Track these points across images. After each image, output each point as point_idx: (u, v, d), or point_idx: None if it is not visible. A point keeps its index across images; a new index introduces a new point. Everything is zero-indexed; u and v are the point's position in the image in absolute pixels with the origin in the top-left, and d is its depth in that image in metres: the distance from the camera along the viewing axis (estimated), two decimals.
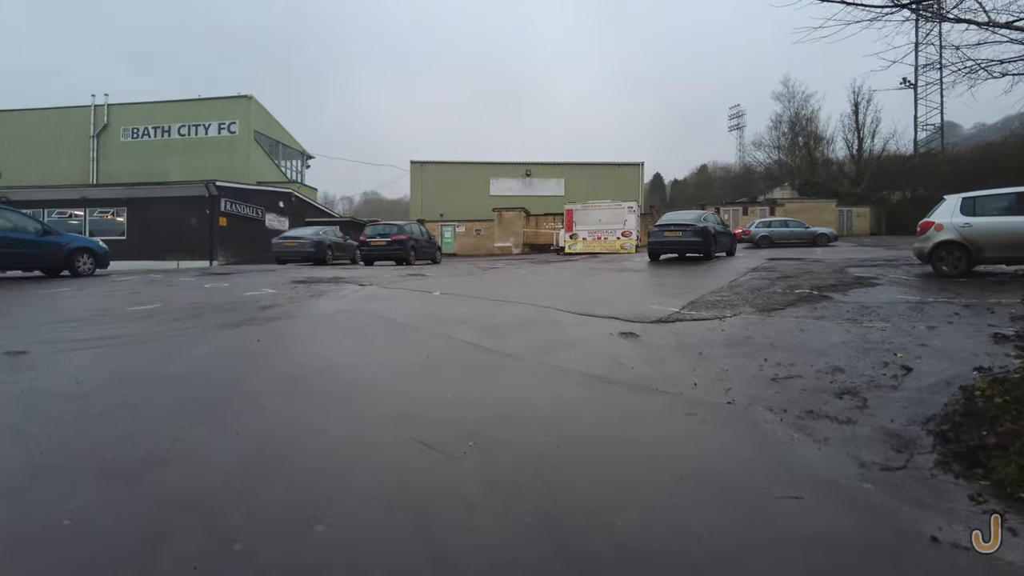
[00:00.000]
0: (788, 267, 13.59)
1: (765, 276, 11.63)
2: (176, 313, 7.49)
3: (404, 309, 7.94)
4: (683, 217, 17.16)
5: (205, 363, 4.85)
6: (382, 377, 4.55)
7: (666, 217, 17.72)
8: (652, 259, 17.06)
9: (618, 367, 4.84)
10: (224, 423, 3.34)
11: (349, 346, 5.64)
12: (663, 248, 16.62)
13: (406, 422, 3.45)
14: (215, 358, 5.02)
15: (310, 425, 3.43)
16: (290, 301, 8.76)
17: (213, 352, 5.24)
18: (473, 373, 4.75)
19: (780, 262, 15.42)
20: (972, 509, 2.25)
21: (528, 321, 7.08)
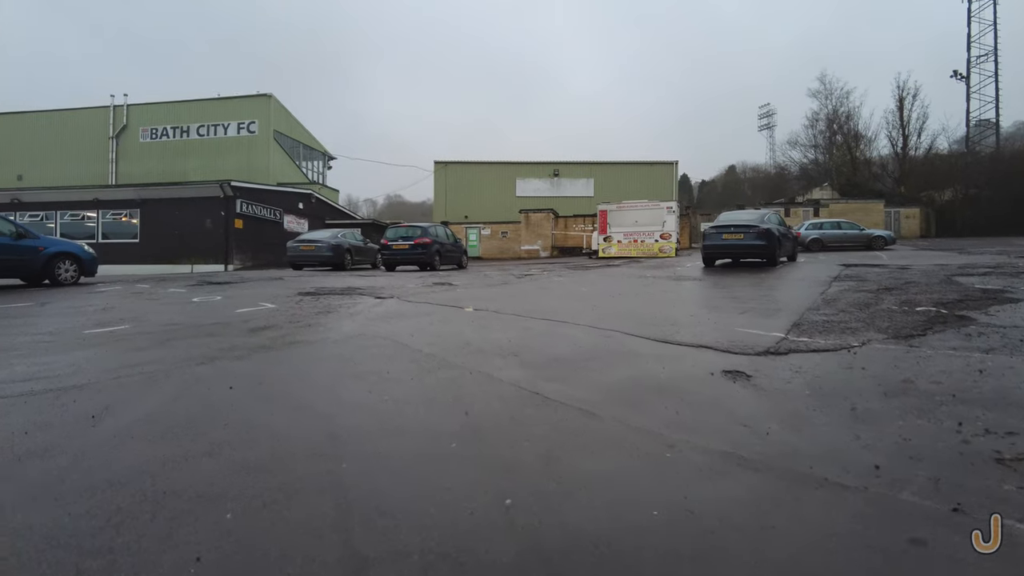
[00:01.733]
0: (877, 276, 11.67)
1: (859, 287, 9.75)
2: (140, 339, 5.88)
3: (431, 333, 6.25)
4: (743, 217, 15.24)
5: (140, 429, 3.19)
6: (401, 464, 2.83)
7: (723, 217, 15.83)
8: (707, 265, 15.23)
9: (746, 434, 3.25)
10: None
11: (356, 396, 3.93)
12: (720, 252, 14.75)
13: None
14: (159, 420, 3.35)
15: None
16: (290, 321, 7.13)
17: (159, 408, 3.58)
18: (537, 451, 3.02)
19: (860, 269, 13.50)
20: None
21: (593, 352, 5.35)
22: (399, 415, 3.54)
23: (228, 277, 16.97)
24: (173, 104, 37.37)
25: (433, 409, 3.67)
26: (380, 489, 2.49)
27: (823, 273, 12.73)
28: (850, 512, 2.33)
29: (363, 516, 2.24)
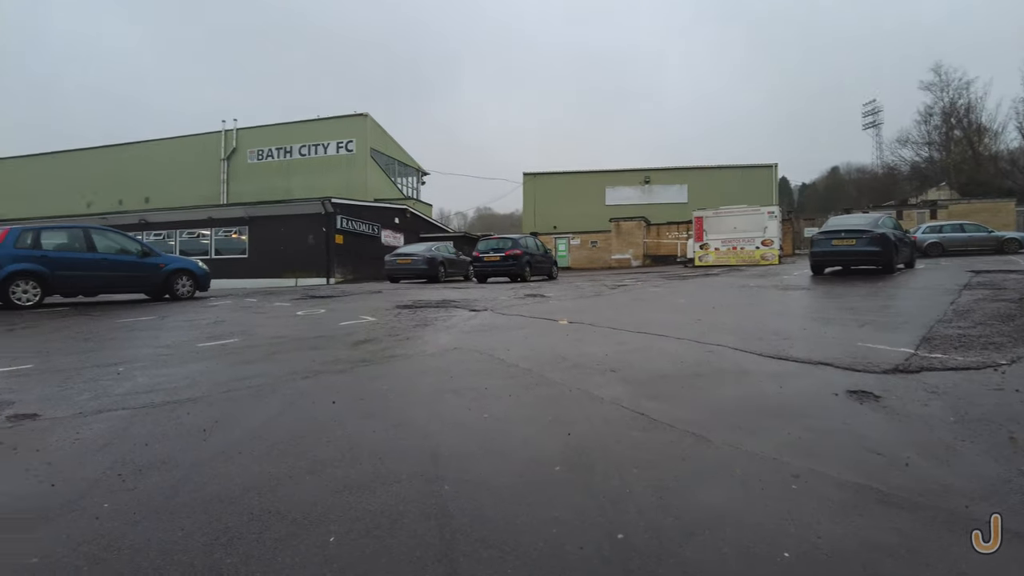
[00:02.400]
0: (1018, 283, 10.51)
1: (997, 296, 8.79)
2: (249, 352, 6.14)
3: (526, 347, 6.14)
4: (855, 221, 14.20)
5: (248, 445, 3.26)
6: (504, 489, 2.71)
7: (833, 222, 14.83)
8: (816, 273, 14.30)
9: (882, 464, 2.88)
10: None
11: (454, 413, 3.87)
12: (830, 259, 13.81)
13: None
14: (265, 436, 3.41)
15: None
16: (389, 334, 7.24)
17: (265, 423, 3.66)
18: (647, 479, 2.82)
19: (994, 276, 12.23)
20: None
21: (698, 368, 5.05)
22: (499, 435, 3.43)
23: (330, 291, 17.71)
24: (277, 127, 39.76)
25: (533, 429, 3.55)
26: (484, 516, 2.37)
27: (950, 281, 11.62)
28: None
29: (467, 547, 2.13)
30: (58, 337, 7.27)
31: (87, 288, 10.90)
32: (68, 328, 7.94)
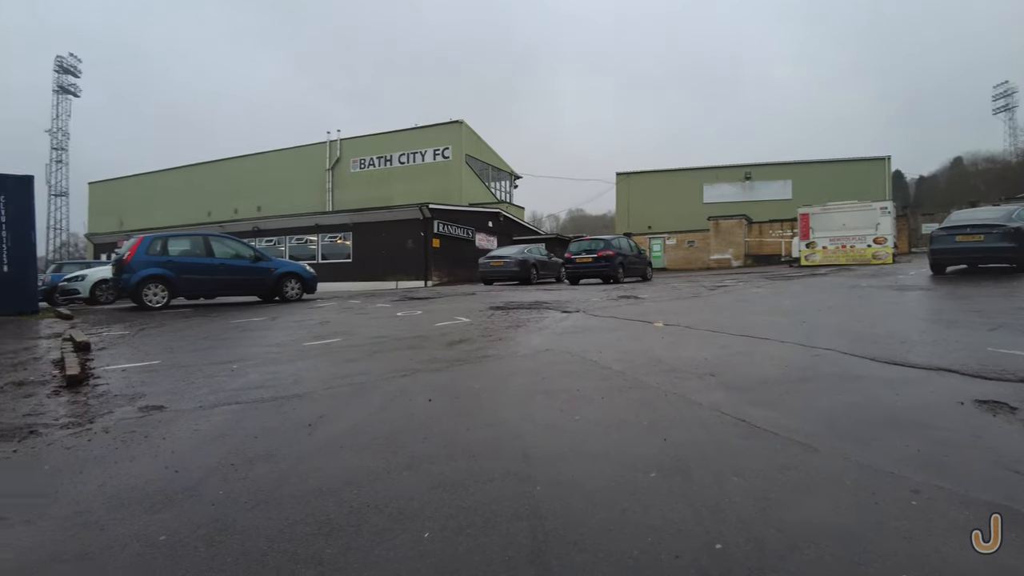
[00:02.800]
0: None
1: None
2: (351, 351, 6.41)
3: (619, 349, 6.03)
4: (983, 216, 12.90)
5: (349, 439, 3.40)
6: (596, 492, 2.66)
7: (956, 217, 13.56)
8: (936, 272, 13.16)
9: (1018, 483, 2.56)
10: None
11: (546, 414, 3.85)
12: (953, 257, 12.65)
13: None
14: (365, 431, 3.55)
15: None
16: (483, 335, 7.34)
17: (366, 419, 3.81)
18: (748, 489, 2.67)
19: None
20: None
21: (804, 374, 4.76)
22: (591, 438, 3.38)
23: (427, 293, 18.26)
24: (377, 136, 41.49)
25: (627, 433, 3.47)
26: (576, 519, 2.34)
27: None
28: None
29: (560, 550, 2.11)
30: (181, 336, 7.92)
31: (207, 291, 11.82)
32: (190, 328, 8.65)
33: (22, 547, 2.15)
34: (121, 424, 3.62)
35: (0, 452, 3.10)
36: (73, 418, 3.76)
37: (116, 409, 3.99)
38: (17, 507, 2.48)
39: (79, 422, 3.66)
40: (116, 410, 3.97)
